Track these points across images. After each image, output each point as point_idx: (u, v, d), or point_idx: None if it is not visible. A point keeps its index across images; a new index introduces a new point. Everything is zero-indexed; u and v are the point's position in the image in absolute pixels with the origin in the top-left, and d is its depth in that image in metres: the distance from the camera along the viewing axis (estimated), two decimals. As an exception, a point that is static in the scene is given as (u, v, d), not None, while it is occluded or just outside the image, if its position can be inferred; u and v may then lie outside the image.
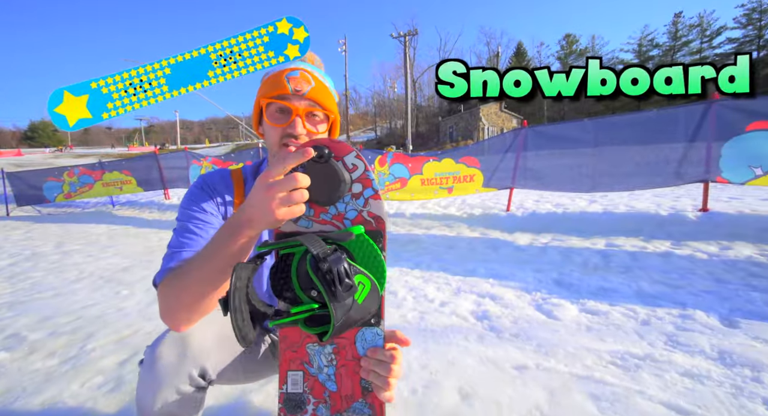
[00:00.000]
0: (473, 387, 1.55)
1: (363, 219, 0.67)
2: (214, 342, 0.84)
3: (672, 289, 2.60)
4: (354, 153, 0.65)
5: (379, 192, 0.69)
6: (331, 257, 0.56)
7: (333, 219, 0.67)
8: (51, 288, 3.21)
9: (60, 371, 1.80)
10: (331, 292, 0.55)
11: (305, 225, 0.68)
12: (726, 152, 4.01)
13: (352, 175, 0.66)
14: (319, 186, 0.63)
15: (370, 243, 0.65)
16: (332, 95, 0.92)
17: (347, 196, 0.66)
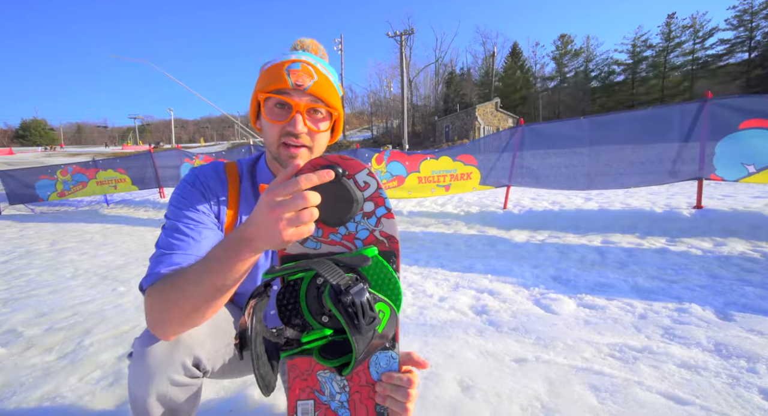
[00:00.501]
0: (473, 379, 1.56)
1: (375, 239, 0.64)
2: (208, 331, 0.80)
3: (668, 284, 2.63)
4: (366, 170, 0.62)
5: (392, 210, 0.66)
6: (354, 289, 0.53)
7: (343, 239, 0.64)
8: (47, 285, 3.18)
9: (58, 366, 1.79)
10: (354, 326, 0.53)
11: (313, 246, 0.65)
12: (720, 150, 4.06)
13: (364, 193, 0.62)
14: (330, 205, 0.60)
15: (384, 265, 0.63)
16: (336, 90, 0.86)
17: (358, 215, 0.63)
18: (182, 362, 0.73)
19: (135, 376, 0.73)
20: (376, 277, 0.63)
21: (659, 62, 44.07)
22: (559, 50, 50.58)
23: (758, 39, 37.73)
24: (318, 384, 0.68)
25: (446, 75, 54.09)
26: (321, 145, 0.88)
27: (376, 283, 0.63)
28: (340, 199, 0.60)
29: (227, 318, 0.91)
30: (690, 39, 42.06)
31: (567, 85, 49.57)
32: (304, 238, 0.63)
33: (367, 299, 0.53)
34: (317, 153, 0.88)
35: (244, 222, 0.58)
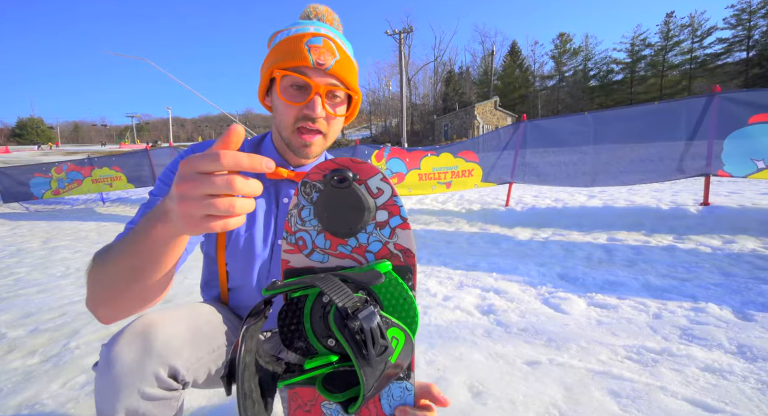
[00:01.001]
0: (484, 383, 1.46)
1: (389, 252, 0.56)
2: (188, 337, 0.70)
3: (680, 282, 2.54)
4: (380, 175, 0.55)
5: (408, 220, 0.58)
6: (363, 313, 0.46)
7: (353, 252, 0.57)
8: (36, 284, 3.06)
9: (40, 370, 1.68)
10: (362, 356, 0.45)
11: (320, 259, 0.58)
12: (728, 145, 3.96)
13: (377, 200, 0.55)
14: (339, 214, 0.54)
15: (399, 282, 0.54)
16: (356, 69, 0.79)
17: (370, 225, 0.56)
18: (155, 373, 0.62)
19: (101, 389, 0.62)
20: (389, 297, 0.55)
21: (658, 61, 44.09)
22: (557, 49, 50.57)
23: (756, 38, 37.77)
24: (323, 415, 0.59)
25: (445, 74, 53.99)
26: (335, 132, 0.80)
27: (389, 304, 0.54)
28: (350, 206, 0.54)
29: (212, 321, 0.80)
30: (688, 38, 42.11)
31: (566, 83, 49.55)
32: (309, 250, 0.55)
33: (378, 324, 0.46)
34: (331, 140, 0.81)
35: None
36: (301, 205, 0.58)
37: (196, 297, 2.65)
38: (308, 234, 0.59)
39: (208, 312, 0.82)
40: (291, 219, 0.59)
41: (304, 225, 0.58)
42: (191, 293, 2.72)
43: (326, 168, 0.54)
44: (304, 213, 0.58)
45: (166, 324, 0.67)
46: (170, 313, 0.72)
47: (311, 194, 0.56)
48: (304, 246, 0.59)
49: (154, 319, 0.67)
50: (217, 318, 0.83)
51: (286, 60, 0.71)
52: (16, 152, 43.77)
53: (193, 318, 0.75)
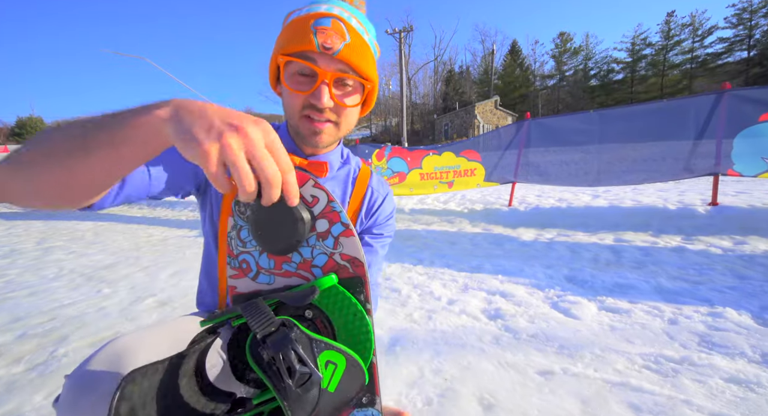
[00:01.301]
0: (495, 395, 1.37)
1: (336, 264, 0.52)
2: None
3: (692, 285, 2.45)
4: (311, 181, 0.51)
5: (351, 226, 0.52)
6: (272, 338, 0.41)
7: (299, 269, 0.53)
8: (27, 286, 2.97)
9: (25, 379, 1.59)
10: (280, 390, 0.40)
11: (266, 281, 0.53)
12: (738, 144, 3.87)
13: (312, 209, 0.51)
14: (272, 229, 0.48)
15: (346, 296, 0.49)
16: (372, 54, 0.71)
17: (311, 237, 0.52)
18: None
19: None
20: (338, 313, 0.50)
21: (658, 60, 43.97)
22: (558, 48, 50.45)
23: (757, 37, 37.66)
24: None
25: (445, 73, 53.87)
26: (350, 122, 0.73)
27: (339, 321, 0.50)
28: (283, 219, 0.48)
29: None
30: (689, 37, 41.98)
31: (566, 83, 49.43)
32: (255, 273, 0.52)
33: (293, 350, 0.41)
34: (345, 131, 0.73)
35: (179, 100, 0.43)
36: (238, 226, 0.53)
37: (192, 299, 2.56)
38: (251, 256, 0.54)
39: (191, 329, 0.73)
40: (231, 242, 0.54)
41: (245, 246, 0.54)
42: (187, 296, 2.63)
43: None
44: (243, 234, 0.53)
45: (141, 349, 0.58)
46: (147, 335, 0.62)
47: (246, 212, 0.51)
48: (249, 269, 0.54)
49: (127, 344, 0.58)
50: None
51: (291, 44, 0.65)
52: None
53: (172, 339, 0.65)
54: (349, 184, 0.84)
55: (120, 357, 0.55)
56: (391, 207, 0.91)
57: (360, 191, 0.84)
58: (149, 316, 2.27)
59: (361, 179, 0.85)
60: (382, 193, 0.88)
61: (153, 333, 0.64)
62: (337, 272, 0.52)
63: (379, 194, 0.88)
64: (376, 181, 0.89)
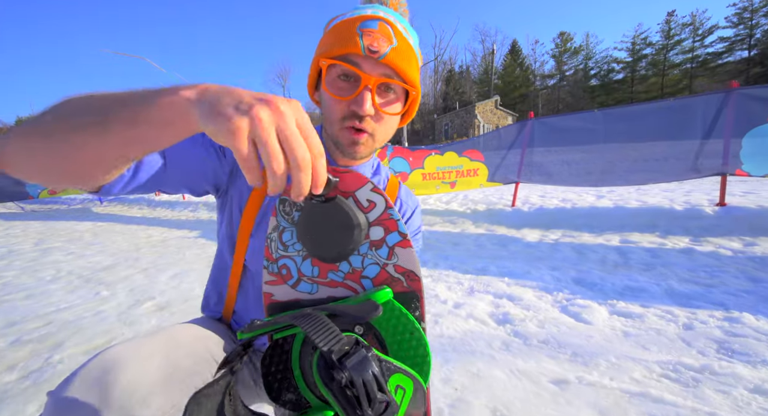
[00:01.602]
0: (509, 407, 1.31)
1: (389, 276, 0.47)
2: (159, 379, 0.54)
3: (705, 288, 2.39)
4: (369, 185, 0.47)
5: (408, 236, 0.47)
6: (353, 360, 0.36)
7: (346, 279, 0.48)
8: (23, 289, 2.92)
9: (18, 388, 1.53)
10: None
11: (308, 290, 0.48)
12: (746, 143, 3.81)
13: (368, 215, 0.47)
14: (324, 235, 0.45)
15: (403, 313, 0.45)
16: (417, 60, 0.67)
17: (364, 245, 0.47)
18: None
19: None
20: (392, 332, 0.45)
21: (659, 60, 43.90)
22: (558, 48, 50.38)
23: (758, 37, 37.59)
24: None
25: (445, 73, 53.77)
26: (388, 131, 0.68)
27: (393, 340, 0.45)
28: (337, 224, 0.45)
29: (195, 351, 0.65)
30: (690, 37, 41.91)
31: (566, 83, 49.36)
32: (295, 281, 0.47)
33: (373, 375, 0.36)
34: (381, 141, 0.68)
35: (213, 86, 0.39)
36: (281, 227, 0.48)
37: (192, 303, 2.50)
38: (292, 261, 0.49)
39: (190, 339, 0.66)
40: (271, 244, 0.49)
41: (287, 250, 0.49)
42: (187, 300, 2.57)
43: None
44: (286, 237, 0.49)
45: (132, 363, 0.52)
46: (139, 347, 0.56)
47: (292, 213, 0.47)
48: (289, 276, 0.50)
49: (117, 357, 0.52)
50: (203, 345, 0.68)
51: (336, 47, 0.60)
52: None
53: (168, 350, 0.59)
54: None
55: (107, 371, 0.50)
56: (419, 220, 0.87)
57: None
58: (148, 321, 2.21)
59: (390, 190, 0.81)
60: (411, 206, 0.84)
61: (144, 346, 0.58)
62: (389, 285, 0.47)
63: (408, 207, 0.83)
64: (405, 193, 0.84)
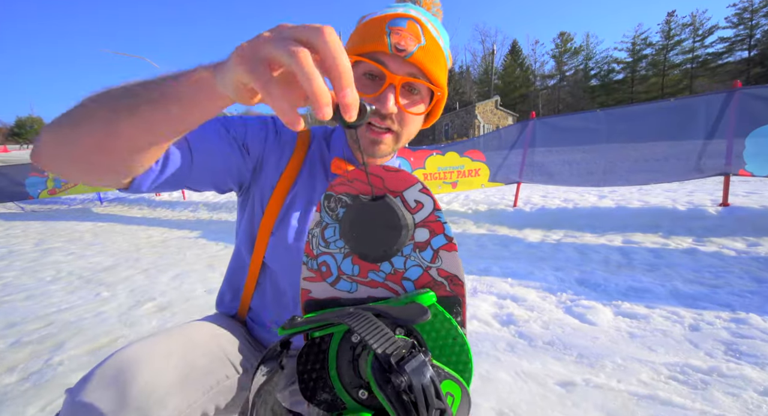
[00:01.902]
0: (516, 410, 1.29)
1: (432, 279, 0.46)
2: (176, 379, 0.55)
3: (710, 289, 2.37)
4: (419, 185, 0.46)
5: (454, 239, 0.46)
6: (411, 364, 0.35)
7: (387, 280, 0.47)
8: (23, 289, 2.90)
9: (17, 390, 1.51)
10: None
11: (347, 288, 0.48)
12: (750, 143, 3.79)
13: (415, 216, 0.46)
14: (370, 233, 0.45)
15: (447, 318, 0.44)
16: (445, 60, 0.66)
17: (408, 246, 0.46)
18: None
19: None
20: (435, 337, 0.43)
21: (659, 60, 43.92)
22: (558, 48, 50.40)
23: (758, 37, 37.60)
24: None
25: (445, 73, 53.80)
26: (411, 131, 0.68)
27: (435, 346, 0.43)
28: (384, 223, 0.45)
29: (210, 350, 0.63)
30: (690, 37, 41.93)
31: (566, 83, 49.38)
32: (335, 279, 0.47)
33: (431, 379, 0.35)
34: (404, 141, 0.68)
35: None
36: (324, 223, 0.48)
37: (193, 303, 2.48)
38: (333, 259, 0.49)
39: (206, 338, 0.65)
40: (312, 239, 0.49)
41: (328, 247, 0.49)
42: (188, 300, 2.55)
43: (355, 178, 0.46)
44: (328, 233, 0.48)
45: (148, 363, 0.52)
46: (156, 346, 0.56)
47: (336, 210, 0.47)
48: (328, 273, 0.49)
49: (133, 356, 0.52)
50: (217, 343, 0.66)
51: (364, 44, 0.61)
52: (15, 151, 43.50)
53: (185, 350, 0.59)
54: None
55: (124, 371, 0.50)
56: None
57: None
58: (149, 322, 2.19)
59: None
60: None
61: (159, 345, 0.57)
62: (432, 288, 0.46)
63: None
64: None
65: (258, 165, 0.71)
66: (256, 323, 0.78)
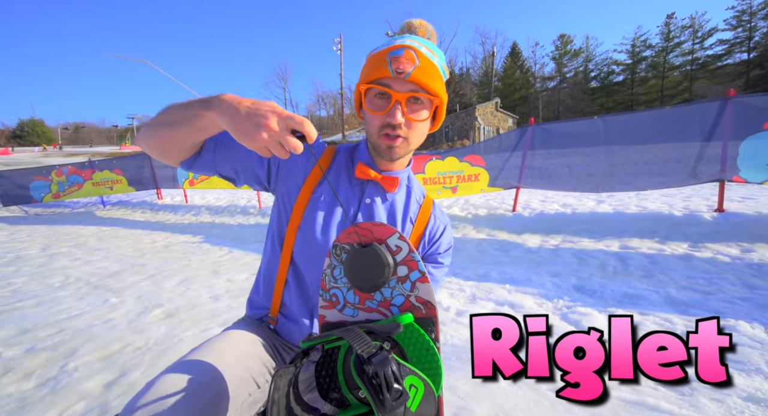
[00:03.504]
0: (509, 414, 1.36)
1: (411, 305, 0.61)
2: (210, 407, 0.61)
3: (703, 296, 2.44)
4: (397, 234, 0.62)
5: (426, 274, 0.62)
6: (376, 358, 0.49)
7: (380, 306, 0.63)
8: (33, 296, 2.97)
9: (36, 396, 1.58)
10: (378, 401, 0.47)
11: (351, 313, 0.64)
12: (744, 150, 3.87)
13: (396, 257, 0.61)
14: (364, 271, 0.61)
15: (420, 333, 0.59)
16: (440, 74, 0.80)
17: (392, 280, 0.62)
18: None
19: None
20: (412, 348, 0.58)
21: (658, 62, 43.99)
22: (558, 50, 50.49)
23: (757, 39, 37.68)
24: None
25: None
26: (420, 135, 0.82)
27: (412, 354, 0.58)
28: (373, 264, 0.60)
29: (235, 378, 0.70)
30: (689, 39, 41.99)
31: (566, 85, 49.46)
32: (342, 305, 0.63)
33: (391, 370, 0.48)
34: (415, 144, 0.83)
35: (239, 98, 0.62)
36: (333, 265, 0.63)
37: (200, 310, 2.55)
38: (340, 291, 0.64)
39: (232, 362, 0.71)
40: (325, 278, 0.64)
41: (337, 282, 0.64)
42: (194, 306, 2.62)
43: (351, 234, 0.62)
44: (336, 272, 0.64)
45: (184, 394, 0.59)
46: (188, 378, 0.62)
47: (341, 255, 0.63)
48: (337, 302, 0.65)
49: (171, 388, 0.59)
50: (243, 366, 0.73)
51: (371, 74, 0.76)
52: (18, 153, 43.68)
53: (213, 380, 0.65)
54: (412, 204, 0.91)
55: (164, 403, 0.56)
56: (451, 236, 0.96)
57: (424, 217, 0.92)
58: (157, 328, 2.26)
59: (426, 206, 0.93)
60: (443, 222, 0.94)
61: (193, 373, 0.63)
62: (411, 312, 0.60)
63: (440, 223, 0.93)
64: (438, 211, 0.95)
65: (278, 169, 0.86)
66: (288, 318, 0.87)
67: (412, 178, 0.95)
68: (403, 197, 0.91)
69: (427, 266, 0.90)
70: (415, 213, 0.91)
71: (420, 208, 0.92)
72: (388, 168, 0.87)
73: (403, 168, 0.90)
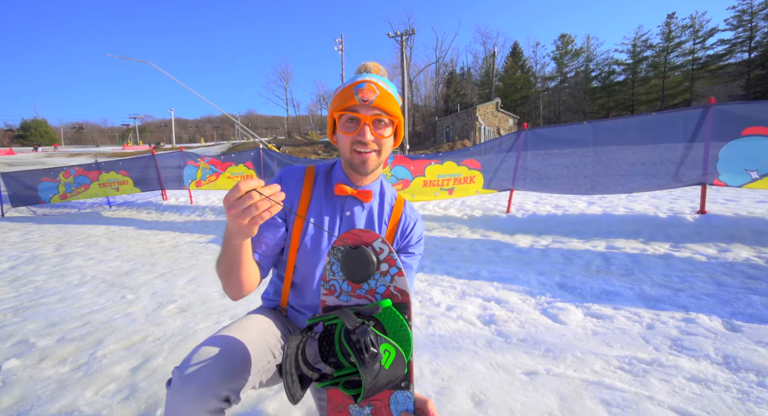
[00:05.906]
0: (485, 393, 1.58)
1: (390, 293, 0.78)
2: (242, 365, 0.84)
3: (673, 292, 2.65)
4: (380, 239, 0.79)
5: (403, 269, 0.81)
6: (359, 329, 0.67)
7: (367, 294, 0.80)
8: (55, 293, 3.20)
9: (73, 378, 1.80)
10: (360, 359, 0.65)
11: (345, 299, 0.82)
12: (723, 156, 4.07)
13: (379, 256, 0.78)
14: (355, 267, 0.78)
15: (396, 315, 0.75)
16: (396, 101, 0.98)
17: (377, 274, 0.78)
18: (217, 395, 0.77)
19: (172, 406, 0.76)
20: (390, 325, 0.76)
21: (659, 62, 44.03)
22: (559, 50, 50.57)
23: (758, 39, 37.70)
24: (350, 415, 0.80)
25: (447, 75, 54.05)
26: (388, 148, 1.00)
27: (390, 329, 0.75)
28: (362, 261, 0.78)
29: (257, 348, 0.92)
30: (690, 39, 42.01)
31: (567, 84, 49.54)
32: (339, 292, 0.82)
33: (369, 338, 0.66)
34: (384, 155, 1.01)
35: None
36: (332, 262, 0.84)
37: (211, 305, 2.77)
38: (337, 282, 0.83)
39: (255, 335, 0.94)
40: (326, 272, 0.84)
41: (335, 275, 0.84)
42: (205, 302, 2.84)
43: (345, 239, 0.81)
44: (334, 268, 0.84)
45: (227, 351, 0.82)
46: (227, 343, 0.85)
47: (338, 254, 0.82)
48: (335, 291, 0.84)
49: (216, 348, 0.81)
50: (262, 339, 0.96)
51: (342, 103, 0.94)
52: (21, 154, 44.00)
53: (243, 346, 0.87)
54: (385, 207, 1.11)
55: (213, 357, 0.80)
56: (421, 229, 1.16)
57: (396, 216, 1.10)
58: (173, 321, 2.48)
59: (397, 206, 1.12)
60: (413, 218, 1.13)
61: (230, 340, 0.86)
62: (390, 298, 0.77)
63: (411, 220, 1.13)
64: (409, 208, 1.14)
65: (280, 214, 1.05)
66: (295, 309, 1.11)
67: (384, 184, 1.14)
68: (377, 204, 1.10)
69: (402, 256, 1.10)
70: (388, 215, 1.10)
71: (392, 210, 1.11)
72: (361, 183, 1.05)
73: (375, 180, 1.08)
